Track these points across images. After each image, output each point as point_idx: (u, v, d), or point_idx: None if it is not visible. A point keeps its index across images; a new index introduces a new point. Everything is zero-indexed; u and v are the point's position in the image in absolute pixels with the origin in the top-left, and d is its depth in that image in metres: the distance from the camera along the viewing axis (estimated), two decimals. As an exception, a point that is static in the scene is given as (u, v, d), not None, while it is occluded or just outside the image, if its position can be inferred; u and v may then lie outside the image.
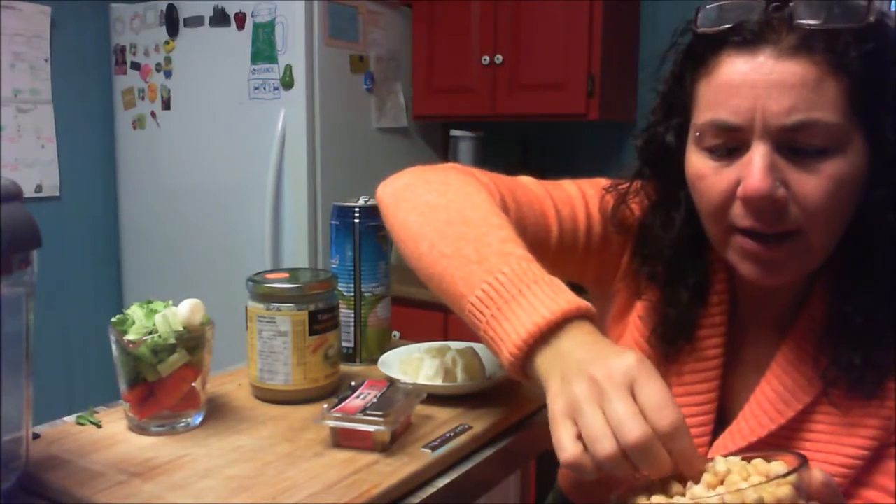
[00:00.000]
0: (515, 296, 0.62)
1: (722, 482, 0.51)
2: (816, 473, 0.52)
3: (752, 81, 0.66)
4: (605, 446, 0.51)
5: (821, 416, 0.73)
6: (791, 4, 0.66)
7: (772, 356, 0.77)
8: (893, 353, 0.70)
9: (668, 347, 0.80)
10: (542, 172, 0.95)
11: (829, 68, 0.65)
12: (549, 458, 1.05)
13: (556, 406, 0.55)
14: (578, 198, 0.85)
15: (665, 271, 0.80)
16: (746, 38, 0.67)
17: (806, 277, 0.75)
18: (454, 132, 2.67)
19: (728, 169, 0.69)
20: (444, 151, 2.90)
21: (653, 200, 0.81)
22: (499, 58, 2.47)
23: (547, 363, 0.59)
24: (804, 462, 0.51)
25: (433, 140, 2.91)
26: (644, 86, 2.54)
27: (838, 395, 0.72)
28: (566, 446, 0.53)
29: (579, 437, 0.53)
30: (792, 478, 0.49)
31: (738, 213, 0.69)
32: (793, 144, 0.66)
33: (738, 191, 0.68)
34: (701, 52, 0.71)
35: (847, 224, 0.70)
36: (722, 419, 0.79)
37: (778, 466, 0.52)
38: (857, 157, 0.67)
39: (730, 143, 0.69)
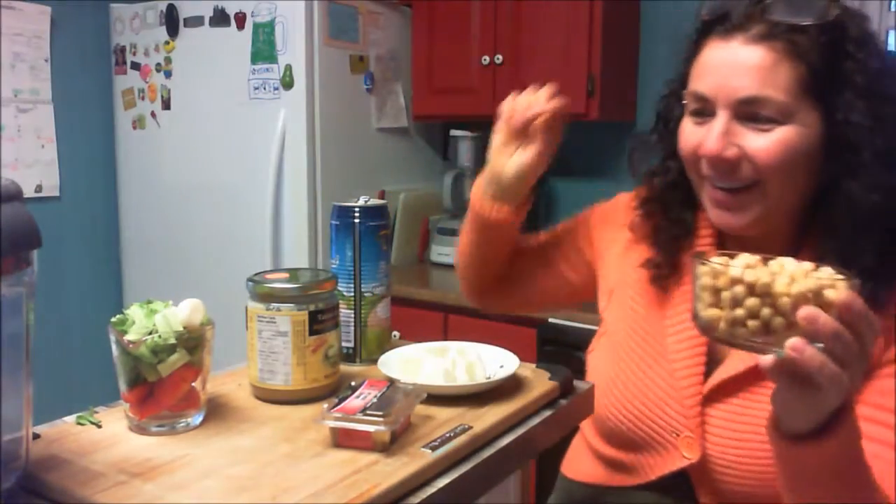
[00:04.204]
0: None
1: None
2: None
3: (721, 62, 0.83)
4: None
5: None
6: (766, 1, 0.80)
7: None
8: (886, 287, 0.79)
9: (660, 286, 0.94)
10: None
11: (786, 55, 0.79)
12: (549, 458, 1.05)
13: None
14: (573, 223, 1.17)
15: (658, 208, 0.97)
16: (727, 27, 0.83)
17: (790, 243, 0.87)
18: (454, 132, 2.66)
19: (700, 129, 0.86)
20: (444, 152, 2.90)
21: (661, 154, 0.97)
22: (499, 58, 2.47)
23: None
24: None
25: (433, 140, 2.91)
26: (644, 86, 2.54)
27: None
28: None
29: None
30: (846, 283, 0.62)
31: (704, 165, 0.86)
32: (748, 114, 0.81)
33: (699, 149, 0.85)
34: (696, 38, 0.88)
35: (809, 189, 0.84)
36: (716, 357, 0.90)
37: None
38: (809, 131, 0.81)
39: (705, 110, 0.85)
